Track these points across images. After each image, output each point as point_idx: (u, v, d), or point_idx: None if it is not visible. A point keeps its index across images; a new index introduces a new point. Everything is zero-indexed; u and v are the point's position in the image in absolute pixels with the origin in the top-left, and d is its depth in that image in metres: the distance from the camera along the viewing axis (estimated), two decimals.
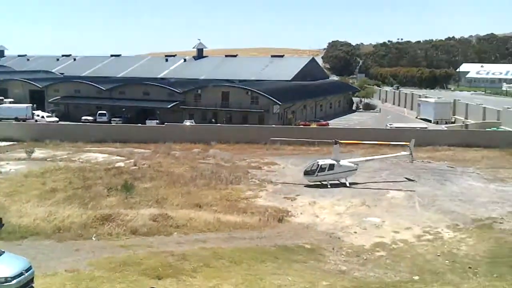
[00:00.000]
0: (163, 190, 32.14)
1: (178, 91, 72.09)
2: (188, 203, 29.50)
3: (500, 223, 26.65)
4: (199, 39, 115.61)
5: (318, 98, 79.90)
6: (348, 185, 34.85)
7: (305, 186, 34.71)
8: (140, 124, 59.52)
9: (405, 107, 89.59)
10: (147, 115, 68.91)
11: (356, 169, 36.13)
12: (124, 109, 71.63)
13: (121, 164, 41.08)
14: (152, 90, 74.04)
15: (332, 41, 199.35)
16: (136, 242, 22.38)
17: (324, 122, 68.02)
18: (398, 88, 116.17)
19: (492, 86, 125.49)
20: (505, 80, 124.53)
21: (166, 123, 56.63)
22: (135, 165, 40.22)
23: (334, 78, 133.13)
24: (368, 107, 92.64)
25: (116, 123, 64.96)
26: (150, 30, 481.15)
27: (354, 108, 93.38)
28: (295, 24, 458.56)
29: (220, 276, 19.00)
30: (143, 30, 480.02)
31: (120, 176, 35.59)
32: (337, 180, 35.43)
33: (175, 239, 23.46)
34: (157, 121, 64.86)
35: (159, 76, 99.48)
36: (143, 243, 22.25)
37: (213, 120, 66.41)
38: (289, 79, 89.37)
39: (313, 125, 64.04)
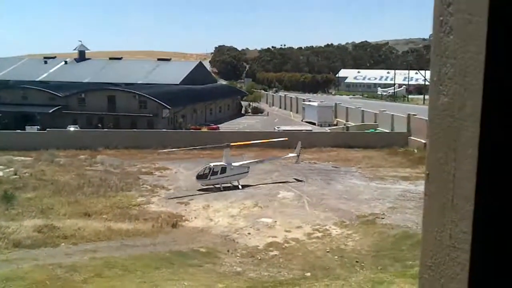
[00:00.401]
0: (47, 200, 30.45)
1: (60, 95, 68.55)
2: (76, 213, 28.23)
3: (382, 218, 28.50)
4: (80, 41, 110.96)
5: (207, 102, 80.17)
6: (240, 187, 35.36)
7: (198, 190, 34.67)
8: (19, 130, 55.76)
9: (291, 110, 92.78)
10: (27, 120, 64.72)
11: (248, 172, 36.78)
12: (0, 114, 66.66)
13: (0, 173, 38.22)
14: (31, 94, 69.70)
15: (219, 46, 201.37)
16: (20, 255, 21.01)
17: (214, 126, 68.39)
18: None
19: (368, 91, 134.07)
20: (379, 85, 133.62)
21: (48, 129, 53.58)
22: (15, 174, 37.60)
23: (222, 82, 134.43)
24: (257, 111, 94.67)
25: None
26: (26, 30, 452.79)
27: (243, 112, 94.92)
28: (181, 28, 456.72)
29: (113, 286, 18.49)
30: (19, 30, 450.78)
31: None
32: (230, 183, 35.82)
33: (63, 250, 22.36)
34: (38, 126, 61.10)
35: (38, 79, 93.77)
36: (28, 256, 20.95)
37: (99, 125, 63.99)
38: (178, 83, 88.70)
39: (204, 129, 64.14)
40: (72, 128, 57.92)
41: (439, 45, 1.47)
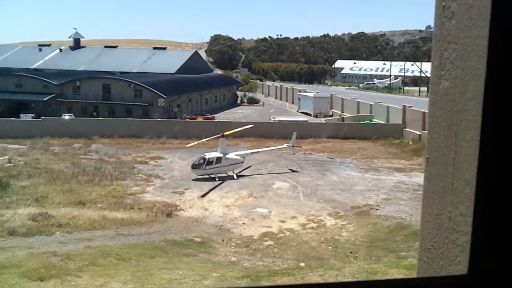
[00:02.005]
0: (42, 188, 30.38)
1: (54, 83, 68.18)
2: (70, 201, 28.23)
3: (376, 209, 28.63)
4: (75, 28, 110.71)
5: (203, 91, 79.95)
6: (235, 177, 35.40)
7: (193, 180, 34.68)
8: (13, 118, 55.50)
9: (286, 101, 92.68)
10: (21, 108, 64.42)
11: (242, 162, 36.82)
12: None
13: None
14: (26, 82, 69.28)
15: (215, 35, 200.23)
16: (15, 243, 21.02)
17: (210, 116, 68.28)
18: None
19: (365, 82, 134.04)
20: (376, 76, 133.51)
21: (42, 117, 53.36)
22: (9, 162, 37.46)
23: (218, 72, 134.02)
24: (252, 101, 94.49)
25: None
26: (20, 18, 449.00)
27: (238, 102, 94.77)
28: (177, 16, 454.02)
29: (108, 274, 18.49)
30: (12, 17, 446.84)
31: None
32: (225, 173, 35.84)
33: (57, 239, 22.37)
34: (33, 114, 60.83)
35: (32, 67, 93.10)
36: (22, 244, 20.94)
37: (94, 113, 63.76)
38: (173, 72, 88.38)
39: (199, 119, 64.04)
40: (67, 117, 57.70)
41: (441, 30, 1.47)
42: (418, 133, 47.51)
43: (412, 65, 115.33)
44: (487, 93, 1.30)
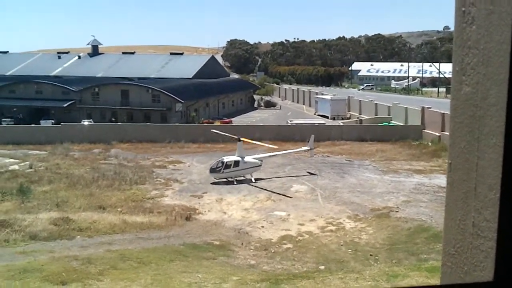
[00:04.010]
0: (63, 193, 30.74)
1: (74, 89, 69.06)
2: (90, 205, 28.49)
3: (396, 211, 28.35)
4: (93, 36, 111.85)
5: (220, 95, 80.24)
6: (253, 181, 35.39)
7: (211, 184, 34.77)
8: (34, 125, 56.32)
9: (304, 104, 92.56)
10: (41, 115, 65.34)
11: (260, 165, 36.80)
12: (15, 109, 67.37)
13: (15, 167, 38.68)
14: (45, 89, 70.37)
15: (231, 40, 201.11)
16: (37, 247, 21.24)
17: (227, 120, 68.46)
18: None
19: (382, 84, 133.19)
20: (393, 78, 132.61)
21: (62, 123, 54.06)
22: (31, 168, 38.01)
23: (235, 76, 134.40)
24: (269, 105, 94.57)
25: (8, 124, 60.89)
26: (39, 25, 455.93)
27: (255, 105, 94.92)
28: (192, 22, 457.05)
29: (128, 278, 18.58)
30: (31, 25, 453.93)
31: (15, 179, 33.59)
32: (243, 176, 35.86)
33: (78, 243, 22.57)
34: (53, 121, 61.70)
35: (52, 74, 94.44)
36: (44, 249, 21.17)
37: (113, 119, 64.42)
38: (190, 77, 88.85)
39: (217, 123, 64.25)
40: (86, 122, 58.39)
41: (461, 36, 1.46)
42: (438, 134, 47.03)
43: (430, 66, 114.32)
44: (510, 99, 1.29)
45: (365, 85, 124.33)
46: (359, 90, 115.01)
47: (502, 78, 1.30)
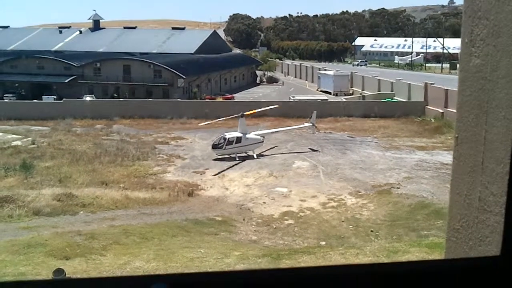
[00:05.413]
0: (65, 169, 30.86)
1: (75, 64, 68.78)
2: (93, 181, 28.63)
3: (397, 188, 28.40)
4: (94, 10, 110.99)
5: (222, 71, 79.82)
6: (255, 157, 35.45)
7: (213, 160, 34.85)
8: (36, 100, 56.26)
9: (306, 80, 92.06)
10: (43, 90, 65.20)
11: (262, 141, 36.81)
12: (17, 84, 67.24)
13: (18, 142, 38.74)
14: (47, 64, 70.09)
15: (233, 14, 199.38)
16: (40, 223, 21.45)
17: (229, 96, 68.24)
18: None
19: (385, 59, 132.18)
20: (397, 53, 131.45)
21: (64, 99, 53.98)
22: (33, 144, 38.10)
23: (237, 51, 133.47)
24: (272, 80, 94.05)
25: (10, 100, 60.82)
26: (40, 0, 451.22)
27: (258, 81, 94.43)
28: None
29: (131, 253, 18.78)
30: (32, 0, 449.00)
31: (17, 155, 33.66)
32: (245, 152, 35.91)
33: (81, 218, 22.76)
34: (55, 96, 61.58)
35: (53, 49, 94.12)
36: (47, 224, 21.37)
37: (115, 94, 64.27)
38: (192, 52, 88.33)
39: (219, 99, 64.08)
40: (88, 98, 58.28)
41: (471, 6, 1.42)
42: (441, 110, 46.82)
43: (434, 41, 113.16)
44: None
45: (360, 61, 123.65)
46: (353, 65, 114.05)
47: None
